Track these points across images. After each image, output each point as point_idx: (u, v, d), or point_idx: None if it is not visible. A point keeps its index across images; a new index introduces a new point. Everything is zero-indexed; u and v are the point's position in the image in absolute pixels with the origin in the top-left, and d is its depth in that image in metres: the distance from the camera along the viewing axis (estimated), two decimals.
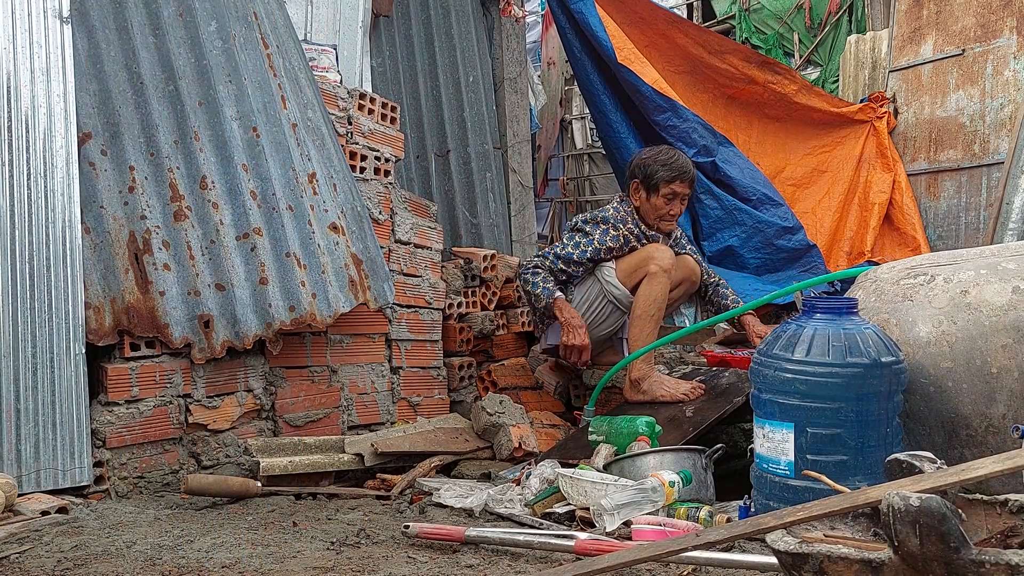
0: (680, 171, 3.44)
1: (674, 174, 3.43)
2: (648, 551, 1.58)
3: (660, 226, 3.53)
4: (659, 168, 3.44)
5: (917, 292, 2.24)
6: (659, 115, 4.26)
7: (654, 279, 3.34)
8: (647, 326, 3.33)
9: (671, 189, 3.45)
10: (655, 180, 3.45)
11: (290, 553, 2.05)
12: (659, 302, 3.35)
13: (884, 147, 4.80)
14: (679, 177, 3.44)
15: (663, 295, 3.35)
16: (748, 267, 4.42)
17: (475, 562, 2.01)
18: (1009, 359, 2.07)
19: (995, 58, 4.39)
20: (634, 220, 3.50)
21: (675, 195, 3.47)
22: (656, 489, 2.29)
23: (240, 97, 2.95)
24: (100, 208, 2.67)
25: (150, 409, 2.73)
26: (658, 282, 3.34)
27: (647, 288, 3.35)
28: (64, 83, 2.63)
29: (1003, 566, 1.20)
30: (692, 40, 4.61)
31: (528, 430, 3.29)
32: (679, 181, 3.44)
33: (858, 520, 1.49)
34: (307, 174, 3.07)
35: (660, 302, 3.35)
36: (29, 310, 2.51)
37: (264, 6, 3.12)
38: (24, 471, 2.47)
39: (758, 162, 4.64)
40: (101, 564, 1.94)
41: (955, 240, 4.52)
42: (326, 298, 3.02)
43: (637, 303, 3.36)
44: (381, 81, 4.23)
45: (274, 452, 2.89)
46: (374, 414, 3.34)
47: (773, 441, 2.12)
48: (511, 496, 2.56)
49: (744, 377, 3.05)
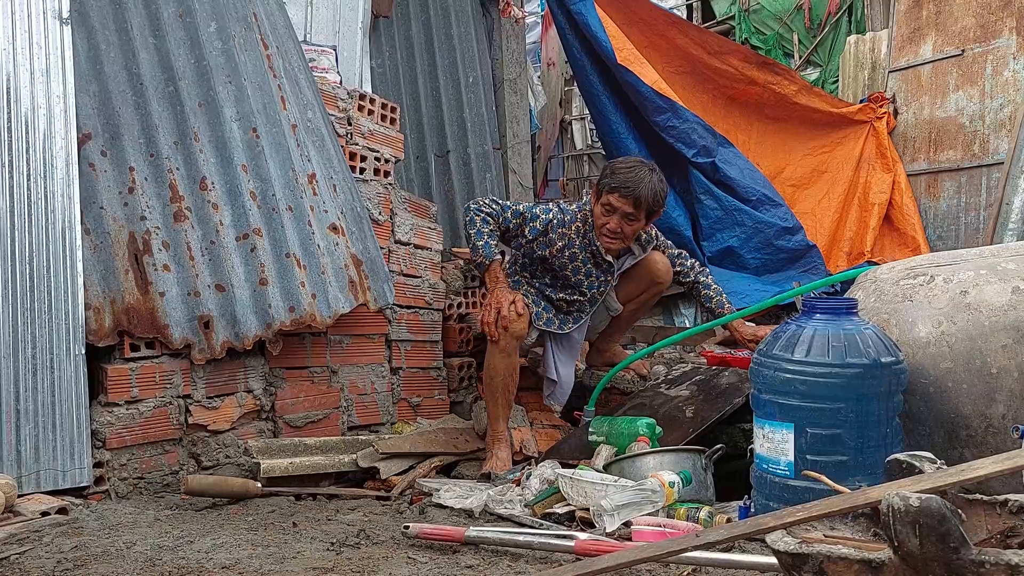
0: (624, 185, 3.13)
1: (615, 185, 3.15)
2: (648, 551, 1.58)
3: (600, 241, 3.28)
4: (609, 174, 3.20)
5: (917, 292, 2.24)
6: (659, 116, 4.26)
7: (492, 347, 3.17)
8: (495, 401, 3.18)
9: (609, 200, 3.17)
10: (600, 185, 3.22)
11: (290, 554, 2.05)
12: (498, 375, 3.16)
13: (884, 147, 4.80)
14: (619, 190, 3.14)
15: (501, 367, 3.15)
16: (748, 267, 4.42)
17: (475, 562, 2.01)
18: (1009, 359, 2.07)
19: (995, 58, 4.39)
20: (586, 226, 3.29)
21: (612, 208, 3.17)
22: (656, 490, 2.29)
23: (240, 98, 2.95)
24: (100, 209, 2.68)
25: (150, 410, 2.72)
26: (489, 352, 3.18)
27: (487, 358, 3.20)
28: (64, 84, 2.63)
29: (1003, 566, 1.20)
30: (692, 41, 4.62)
31: (528, 433, 3.30)
32: (619, 195, 3.14)
33: (858, 520, 1.49)
34: (307, 175, 3.07)
35: (499, 375, 3.16)
36: (29, 311, 2.51)
37: (264, 7, 3.12)
38: (24, 472, 2.47)
39: (758, 163, 4.65)
40: (101, 565, 1.94)
41: (955, 240, 4.52)
42: (326, 299, 3.02)
43: (484, 376, 3.24)
44: (381, 82, 4.23)
45: (274, 453, 2.89)
46: (374, 415, 3.34)
47: (773, 441, 2.12)
48: (511, 497, 2.56)
49: (744, 377, 3.05)
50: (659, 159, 4.31)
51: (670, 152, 4.31)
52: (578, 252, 3.31)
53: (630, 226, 3.22)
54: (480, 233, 3.20)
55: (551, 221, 3.28)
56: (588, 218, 3.30)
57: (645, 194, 3.14)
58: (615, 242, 3.27)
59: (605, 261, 3.36)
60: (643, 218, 3.22)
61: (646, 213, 3.20)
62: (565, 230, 3.29)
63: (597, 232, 3.27)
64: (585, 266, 3.34)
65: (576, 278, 3.35)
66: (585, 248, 3.31)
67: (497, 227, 3.26)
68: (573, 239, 3.30)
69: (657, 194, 3.18)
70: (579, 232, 3.30)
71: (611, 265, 3.38)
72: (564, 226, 3.29)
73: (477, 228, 3.20)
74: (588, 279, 3.37)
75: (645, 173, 3.17)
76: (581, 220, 3.31)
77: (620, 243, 3.28)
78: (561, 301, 3.38)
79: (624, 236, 3.25)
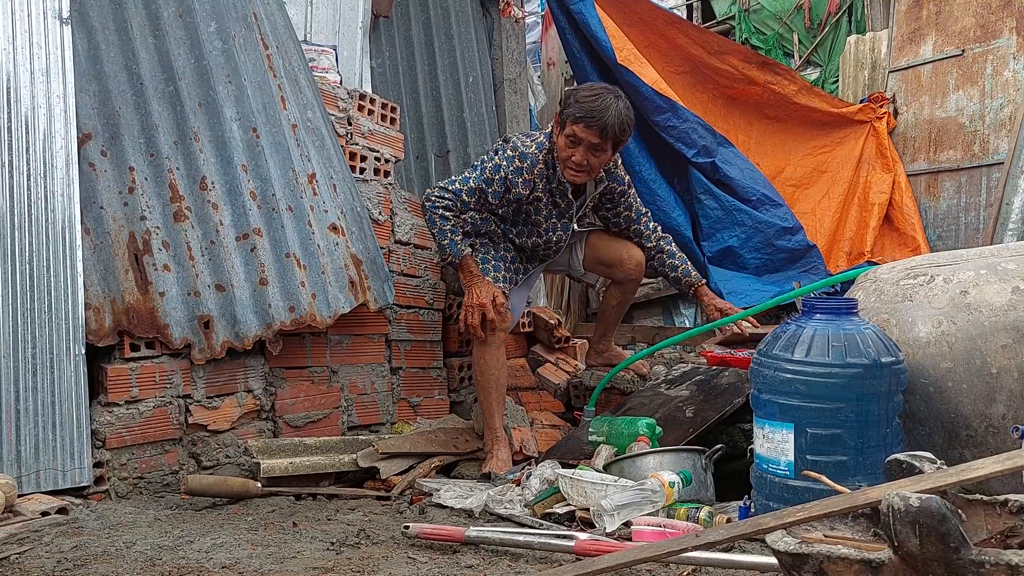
0: (590, 114, 2.96)
1: (580, 114, 2.97)
2: (648, 551, 1.58)
3: (565, 174, 3.12)
4: (573, 103, 3.01)
5: (917, 292, 2.24)
6: (659, 115, 4.26)
7: (477, 344, 3.14)
8: (489, 399, 3.14)
9: (573, 131, 3.00)
10: (564, 115, 3.04)
11: (290, 554, 2.05)
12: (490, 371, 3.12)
13: (884, 147, 4.80)
14: (584, 120, 2.96)
15: (493, 363, 3.12)
16: (748, 267, 4.42)
17: (475, 562, 2.01)
18: (1009, 359, 2.07)
19: (995, 58, 4.39)
20: (550, 164, 3.15)
21: (577, 139, 3.01)
22: (656, 490, 2.29)
23: (240, 98, 2.95)
24: (100, 209, 2.67)
25: (150, 410, 2.72)
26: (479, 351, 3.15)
27: (475, 355, 3.18)
28: (64, 84, 2.63)
29: (1003, 566, 1.20)
30: (692, 40, 4.62)
31: (528, 433, 3.29)
32: (583, 125, 2.97)
33: (858, 520, 1.50)
34: (307, 175, 3.07)
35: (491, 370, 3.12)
36: (29, 311, 2.51)
37: (264, 7, 3.12)
38: (24, 472, 2.47)
39: (758, 163, 4.65)
40: (101, 564, 1.94)
41: (955, 240, 4.52)
42: (326, 299, 3.02)
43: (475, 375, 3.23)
44: (381, 82, 4.23)
45: (274, 453, 2.89)
46: (374, 414, 3.34)
47: (773, 442, 2.12)
48: (511, 497, 2.56)
49: (744, 377, 3.05)
50: (659, 159, 4.32)
51: (670, 152, 4.32)
52: (541, 195, 3.20)
53: (596, 158, 3.07)
54: (443, 232, 3.14)
55: (507, 177, 3.15)
56: (549, 157, 3.15)
57: (611, 123, 2.97)
58: (580, 175, 3.12)
59: (565, 199, 3.25)
60: (610, 148, 3.07)
61: (613, 143, 3.05)
62: (528, 176, 3.16)
63: (561, 165, 3.11)
64: (547, 208, 3.26)
65: (536, 218, 3.29)
66: (548, 191, 3.18)
67: (459, 217, 3.18)
68: (536, 183, 3.17)
69: (624, 122, 3.02)
70: (542, 175, 3.17)
71: (571, 203, 3.28)
72: (525, 172, 3.16)
73: (438, 228, 3.14)
74: (548, 221, 3.30)
75: (611, 100, 3.00)
76: (543, 161, 3.16)
77: (586, 175, 3.14)
78: (524, 244, 3.34)
79: (590, 168, 3.11)
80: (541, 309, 4.05)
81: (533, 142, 3.21)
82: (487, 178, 3.16)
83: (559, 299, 5.64)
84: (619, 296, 3.58)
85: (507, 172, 3.15)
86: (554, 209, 3.28)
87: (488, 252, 3.34)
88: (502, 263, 3.33)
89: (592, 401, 3.36)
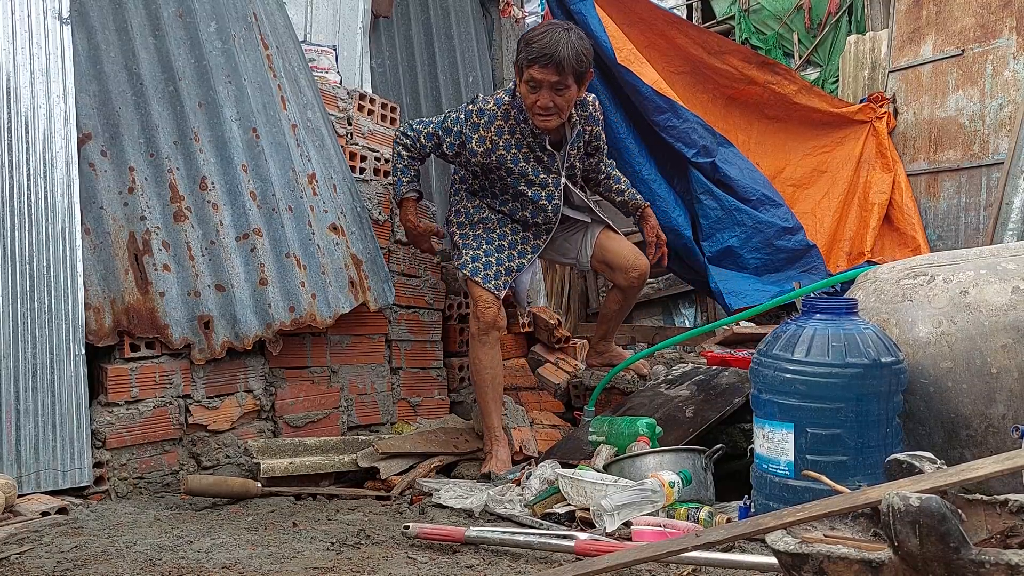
0: (541, 53, 2.84)
1: (532, 56, 2.86)
2: (648, 551, 1.58)
3: (535, 123, 3.01)
4: (524, 47, 2.91)
5: (917, 292, 2.24)
6: (659, 115, 4.26)
7: (472, 343, 3.10)
8: (485, 398, 3.11)
9: (531, 75, 2.90)
10: (519, 61, 2.94)
11: (290, 554, 2.05)
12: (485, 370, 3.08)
13: (884, 147, 4.80)
14: (538, 60, 2.85)
15: (488, 362, 3.08)
16: (748, 267, 4.41)
17: (475, 562, 2.01)
18: (1009, 359, 2.07)
19: (995, 58, 4.39)
20: (510, 122, 3.04)
21: (537, 82, 2.90)
22: (656, 490, 2.29)
23: (240, 98, 2.95)
24: (100, 209, 2.68)
25: (150, 410, 2.72)
26: (474, 350, 3.10)
27: (471, 355, 3.13)
28: (64, 84, 2.63)
29: (1003, 566, 1.20)
30: (692, 40, 4.61)
31: (528, 433, 3.29)
32: (538, 66, 2.86)
33: (858, 520, 1.50)
34: (307, 175, 3.07)
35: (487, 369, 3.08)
36: (29, 311, 2.51)
37: (264, 7, 3.12)
38: (24, 472, 2.47)
39: (758, 163, 4.64)
40: (101, 565, 1.94)
41: (955, 240, 4.52)
42: (326, 299, 3.02)
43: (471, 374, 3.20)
44: (381, 82, 4.23)
45: (274, 453, 2.89)
46: (374, 415, 3.34)
47: (773, 441, 2.12)
48: (511, 497, 2.56)
49: (744, 377, 3.05)
50: (659, 159, 4.31)
51: (670, 152, 4.31)
52: (505, 154, 3.08)
53: (561, 96, 2.94)
54: (395, 169, 3.16)
55: (462, 132, 3.07)
56: (511, 111, 3.06)
57: (566, 56, 2.85)
58: (550, 119, 2.99)
59: (546, 152, 3.11)
60: (572, 83, 2.95)
61: (574, 77, 2.93)
62: (484, 133, 3.06)
63: (530, 114, 3.01)
64: (529, 164, 3.12)
65: (520, 188, 3.16)
66: (518, 145, 3.08)
67: (415, 156, 3.14)
68: (496, 140, 3.06)
69: (579, 53, 2.90)
70: (501, 131, 3.07)
71: (553, 156, 3.14)
72: (482, 129, 3.06)
73: (393, 164, 3.14)
74: (533, 188, 3.17)
75: (560, 34, 2.90)
76: (502, 116, 3.06)
77: (556, 118, 3.01)
78: (525, 219, 3.24)
79: (559, 110, 2.98)
80: (541, 309, 4.04)
81: (493, 98, 3.12)
82: (446, 128, 3.12)
83: (559, 299, 5.64)
84: (620, 301, 3.56)
85: (462, 127, 3.08)
86: (538, 165, 3.15)
87: (481, 247, 3.22)
88: (495, 255, 3.21)
89: (592, 401, 3.36)
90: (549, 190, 3.22)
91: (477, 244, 3.25)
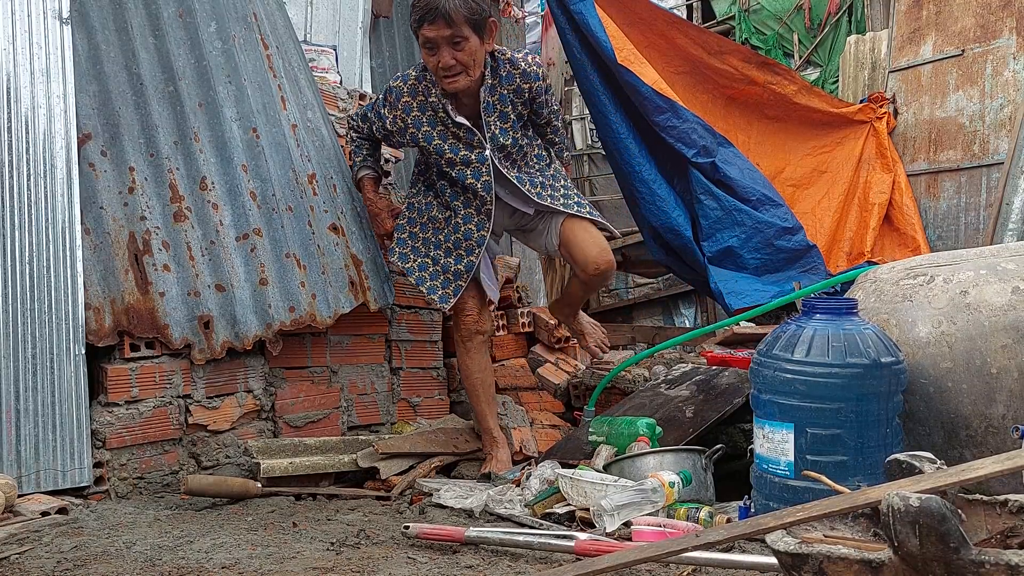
0: (426, 9, 2.70)
1: (418, 16, 2.74)
2: (648, 552, 1.58)
3: (443, 86, 2.83)
4: (412, 12, 2.78)
5: (917, 292, 2.24)
6: (659, 115, 4.26)
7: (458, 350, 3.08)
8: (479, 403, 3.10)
9: (424, 36, 2.75)
10: (412, 29, 2.81)
11: (290, 554, 2.05)
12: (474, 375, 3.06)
13: (884, 147, 4.80)
14: (425, 18, 2.71)
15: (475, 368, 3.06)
16: (748, 268, 4.41)
17: (475, 563, 2.01)
18: (1009, 359, 2.07)
19: (995, 58, 4.39)
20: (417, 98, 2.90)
21: (432, 42, 2.74)
22: (656, 490, 2.29)
23: (240, 98, 2.95)
24: (100, 209, 2.68)
25: (150, 410, 2.72)
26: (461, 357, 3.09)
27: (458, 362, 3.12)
28: (64, 84, 2.63)
29: (1003, 566, 1.20)
30: (691, 41, 4.61)
31: (529, 433, 3.29)
32: (427, 23, 2.71)
33: (858, 520, 1.49)
34: (307, 175, 3.07)
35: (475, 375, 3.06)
36: (29, 311, 2.51)
37: (264, 7, 3.12)
38: (24, 472, 2.47)
39: (758, 163, 4.64)
40: (101, 565, 1.94)
41: (955, 240, 4.52)
42: (326, 299, 3.02)
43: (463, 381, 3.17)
44: (381, 82, 4.24)
45: (274, 453, 2.89)
46: (374, 415, 3.34)
47: (773, 442, 2.12)
48: (511, 497, 2.56)
49: (744, 377, 3.05)
50: (659, 159, 4.31)
51: (670, 152, 4.31)
52: (417, 132, 2.93)
53: (461, 51, 2.76)
54: (351, 152, 3.15)
55: (379, 112, 3.00)
56: (418, 86, 2.91)
57: (453, 5, 2.68)
58: (457, 79, 2.80)
59: (461, 127, 2.90)
60: (471, 34, 2.75)
61: (471, 27, 2.74)
62: (395, 112, 2.95)
63: (438, 80, 2.84)
64: (446, 143, 2.92)
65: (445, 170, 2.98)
66: (431, 123, 2.92)
67: (363, 136, 3.12)
68: (404, 119, 2.93)
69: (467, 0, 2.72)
70: (408, 108, 2.93)
71: (472, 131, 2.90)
72: (392, 107, 2.95)
73: (348, 147, 3.12)
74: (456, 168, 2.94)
75: None
76: (409, 93, 2.93)
77: (464, 77, 2.80)
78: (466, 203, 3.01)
79: (464, 67, 2.79)
80: (541, 309, 4.05)
81: (402, 75, 2.99)
82: (374, 111, 3.05)
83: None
84: (581, 289, 3.38)
85: (380, 107, 3.01)
86: (457, 143, 2.93)
87: (428, 254, 3.07)
88: (443, 259, 3.05)
89: (592, 401, 3.36)
90: (475, 167, 2.94)
91: (427, 249, 3.08)
